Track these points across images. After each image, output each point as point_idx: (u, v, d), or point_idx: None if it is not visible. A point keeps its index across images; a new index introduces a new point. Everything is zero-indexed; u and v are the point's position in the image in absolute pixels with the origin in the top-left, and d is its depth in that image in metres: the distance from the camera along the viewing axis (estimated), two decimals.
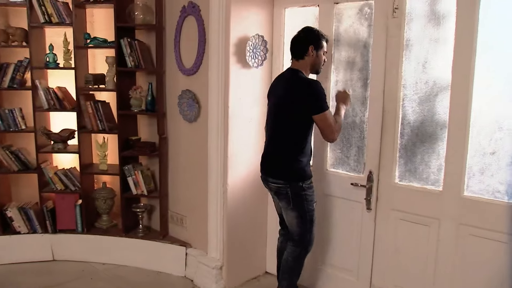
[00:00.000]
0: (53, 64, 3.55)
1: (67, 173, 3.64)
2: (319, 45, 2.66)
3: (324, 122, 2.57)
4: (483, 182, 2.42)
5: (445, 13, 2.48)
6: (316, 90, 2.57)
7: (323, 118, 2.56)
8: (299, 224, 2.72)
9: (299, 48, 2.68)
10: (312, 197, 2.72)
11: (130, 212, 3.66)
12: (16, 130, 3.55)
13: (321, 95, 2.58)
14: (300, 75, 2.66)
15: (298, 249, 2.78)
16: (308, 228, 2.74)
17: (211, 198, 3.21)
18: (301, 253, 2.79)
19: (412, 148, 2.68)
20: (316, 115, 2.56)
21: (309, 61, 2.68)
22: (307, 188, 2.68)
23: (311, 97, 2.57)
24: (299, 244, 2.77)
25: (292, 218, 2.73)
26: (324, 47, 2.70)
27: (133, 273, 3.49)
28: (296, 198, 2.67)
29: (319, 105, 2.55)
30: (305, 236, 2.75)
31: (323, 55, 2.70)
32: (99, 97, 3.75)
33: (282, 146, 2.69)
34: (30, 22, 3.40)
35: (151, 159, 3.72)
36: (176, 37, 3.34)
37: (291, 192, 2.66)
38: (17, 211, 3.57)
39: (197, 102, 3.25)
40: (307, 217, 2.71)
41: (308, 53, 2.66)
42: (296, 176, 2.65)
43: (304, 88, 2.59)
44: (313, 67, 2.71)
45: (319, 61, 2.70)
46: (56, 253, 3.65)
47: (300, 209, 2.69)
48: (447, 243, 2.53)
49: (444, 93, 2.52)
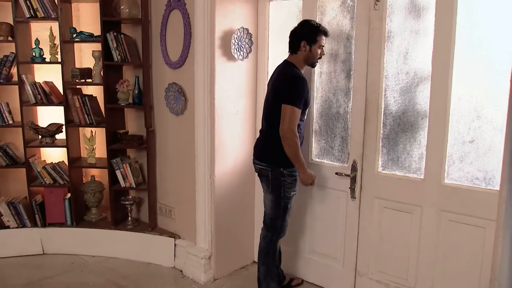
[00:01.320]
0: (39, 59, 3.55)
1: (56, 167, 3.66)
2: (312, 40, 2.66)
3: (285, 113, 2.58)
4: (462, 170, 2.49)
5: (425, 5, 2.53)
6: (296, 85, 2.61)
7: (287, 110, 2.57)
8: (273, 207, 2.80)
9: (293, 42, 2.72)
10: (291, 186, 2.76)
11: (119, 204, 3.69)
12: (3, 125, 3.55)
13: (298, 91, 2.60)
14: (291, 69, 2.70)
15: (269, 233, 2.85)
16: (281, 215, 2.80)
17: (199, 190, 3.25)
18: (272, 238, 2.85)
19: (394, 138, 2.74)
20: (284, 104, 2.59)
21: (301, 56, 2.70)
22: (287, 175, 2.72)
23: (288, 88, 2.62)
24: (270, 228, 2.84)
25: (268, 200, 2.82)
26: (320, 42, 2.69)
27: (123, 265, 3.53)
28: (274, 182, 2.74)
29: (290, 97, 2.58)
30: (276, 221, 2.81)
31: (318, 49, 2.69)
32: (86, 91, 3.76)
33: (270, 132, 2.74)
34: (16, 17, 3.40)
35: (139, 152, 3.75)
36: (162, 31, 3.36)
37: (271, 175, 2.74)
38: (6, 206, 3.58)
39: (183, 95, 3.28)
40: (281, 203, 2.76)
41: (300, 48, 2.68)
42: (278, 161, 2.71)
43: (287, 81, 2.65)
44: (307, 61, 2.73)
45: (312, 55, 2.70)
46: (45, 246, 3.68)
47: (277, 194, 2.75)
48: (429, 229, 2.60)
49: (424, 84, 2.58)
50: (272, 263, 2.88)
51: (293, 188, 2.78)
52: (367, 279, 2.90)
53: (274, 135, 2.69)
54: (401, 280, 2.75)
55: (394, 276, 2.78)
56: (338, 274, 3.06)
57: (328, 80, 3.01)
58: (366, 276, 2.90)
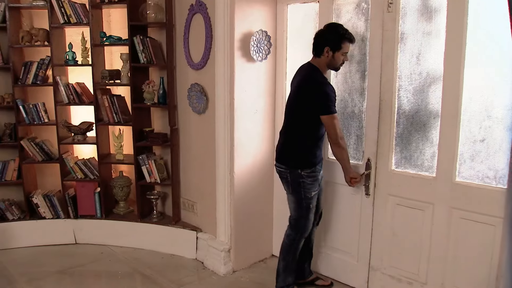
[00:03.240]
0: (72, 62, 3.78)
1: (87, 163, 3.89)
2: (336, 46, 2.64)
3: (328, 124, 2.64)
4: (473, 168, 2.53)
5: (436, 7, 2.58)
6: (328, 92, 2.63)
7: (330, 120, 2.64)
8: (296, 208, 2.86)
9: (317, 46, 2.71)
10: (311, 186, 2.79)
11: (145, 199, 3.88)
12: (40, 123, 3.79)
13: (331, 98, 2.64)
14: (316, 75, 2.71)
15: (293, 232, 2.90)
16: (304, 215, 2.85)
17: (219, 185, 3.39)
18: (296, 237, 2.89)
19: (407, 137, 2.80)
20: (323, 116, 2.64)
21: (324, 61, 2.70)
22: (306, 176, 2.77)
23: (321, 98, 2.63)
24: (294, 228, 2.90)
25: (290, 202, 2.89)
26: (345, 49, 2.66)
27: (148, 256, 3.72)
28: (294, 184, 2.80)
29: (326, 107, 2.63)
30: (300, 221, 2.86)
31: (341, 56, 2.68)
32: (114, 92, 3.98)
33: (289, 134, 2.82)
34: (51, 23, 3.63)
35: (164, 149, 3.93)
36: (185, 34, 3.52)
37: (290, 177, 2.80)
38: (42, 198, 3.83)
39: (205, 95, 3.43)
40: (303, 203, 2.82)
41: (323, 53, 2.68)
42: (296, 163, 2.78)
43: (318, 90, 2.66)
44: (329, 66, 2.74)
45: (335, 62, 2.69)
46: (77, 237, 3.92)
47: (298, 195, 2.81)
48: (441, 226, 2.65)
49: (436, 84, 2.63)
50: (292, 260, 2.93)
51: (313, 188, 2.81)
52: (380, 274, 2.97)
53: (292, 137, 2.78)
54: (413, 275, 2.81)
55: (406, 271, 2.84)
56: (353, 268, 3.14)
57: (343, 81, 3.10)
58: (380, 271, 2.98)
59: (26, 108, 3.73)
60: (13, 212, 3.82)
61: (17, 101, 3.70)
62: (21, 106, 3.71)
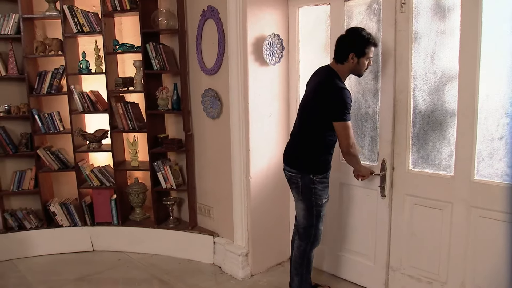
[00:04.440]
0: (86, 70, 3.82)
1: (102, 170, 3.92)
2: (362, 52, 2.58)
3: (341, 130, 2.58)
4: (492, 166, 2.52)
5: (450, 6, 2.58)
6: (345, 100, 2.55)
7: (342, 127, 2.57)
8: (306, 216, 2.77)
9: (340, 52, 2.63)
10: (322, 193, 2.73)
11: (161, 205, 3.90)
12: (55, 132, 3.84)
13: (348, 106, 2.55)
14: (335, 81, 2.61)
15: (304, 243, 2.81)
16: (315, 223, 2.76)
17: (235, 190, 3.41)
18: (306, 248, 2.81)
19: (424, 136, 2.79)
20: (337, 122, 2.58)
21: (348, 67, 2.63)
22: (318, 182, 2.70)
23: (337, 104, 2.55)
24: (304, 237, 2.81)
25: (300, 209, 2.80)
26: (369, 54, 2.60)
27: (166, 261, 3.73)
28: (305, 190, 2.72)
29: (341, 113, 2.55)
30: (310, 230, 2.78)
31: (366, 61, 2.62)
32: (128, 99, 4.02)
33: (303, 137, 2.75)
34: (65, 33, 3.69)
35: (179, 155, 3.95)
36: (197, 40, 3.55)
37: (301, 183, 2.72)
38: (59, 206, 3.87)
39: (219, 100, 3.45)
40: (314, 211, 2.73)
41: (348, 59, 2.60)
42: (308, 168, 2.70)
43: (335, 96, 2.57)
44: (353, 72, 2.67)
45: (360, 67, 2.63)
46: (95, 244, 3.95)
47: (308, 201, 2.73)
48: (460, 225, 2.64)
49: (452, 83, 2.62)
50: (306, 272, 2.87)
51: (324, 195, 2.75)
52: (400, 274, 2.96)
53: (305, 141, 2.72)
54: (433, 275, 2.79)
55: (426, 271, 2.83)
56: (369, 270, 3.13)
57: (356, 82, 3.10)
58: (399, 271, 2.97)
59: (41, 118, 3.78)
60: (30, 221, 3.86)
61: (33, 111, 3.75)
62: (36, 115, 3.76)
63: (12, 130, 3.87)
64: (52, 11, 3.69)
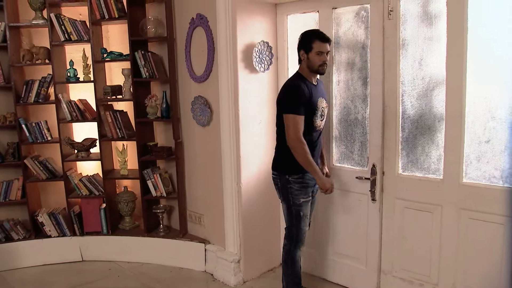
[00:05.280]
0: (73, 79, 3.79)
1: (91, 179, 3.88)
2: (309, 48, 2.71)
3: (287, 123, 2.67)
4: (480, 169, 2.58)
5: (436, 13, 2.64)
6: (290, 93, 2.70)
7: (288, 119, 2.67)
8: (287, 216, 2.86)
9: (298, 54, 2.82)
10: (299, 193, 2.78)
11: (151, 213, 3.88)
12: (43, 141, 3.78)
13: (293, 98, 2.67)
14: (292, 80, 2.79)
15: (288, 242, 2.88)
16: (295, 223, 2.82)
17: (227, 196, 3.41)
18: (290, 248, 2.87)
19: (413, 140, 2.84)
20: (284, 114, 2.70)
21: (304, 65, 2.77)
22: (294, 182, 2.77)
23: (284, 97, 2.74)
24: (287, 237, 2.88)
25: (283, 209, 2.91)
26: (316, 48, 2.69)
27: (157, 270, 3.70)
28: (283, 190, 2.82)
29: (287, 106, 2.68)
30: (292, 230, 2.84)
31: (316, 56, 2.70)
32: (117, 107, 3.98)
33: (277, 140, 2.88)
34: (52, 41, 3.65)
35: (168, 163, 3.93)
36: (186, 47, 3.55)
37: (280, 183, 2.83)
38: (47, 217, 3.81)
39: (209, 107, 3.45)
40: (292, 210, 2.80)
41: (301, 58, 2.78)
42: (284, 169, 2.80)
43: (282, 91, 2.78)
44: (311, 70, 2.75)
45: (312, 63, 2.72)
46: (84, 254, 3.89)
47: (287, 201, 2.82)
48: (450, 228, 2.69)
49: (440, 88, 2.68)
50: (292, 273, 2.91)
51: (301, 195, 2.79)
52: (391, 277, 2.99)
53: (279, 144, 2.82)
54: (424, 277, 2.83)
55: (418, 274, 2.86)
56: (361, 274, 3.16)
57: (345, 88, 3.14)
58: (390, 274, 3.00)
59: (28, 127, 3.73)
60: (18, 232, 3.79)
61: (20, 120, 3.70)
62: (23, 125, 3.71)
63: None
64: (39, 19, 3.66)
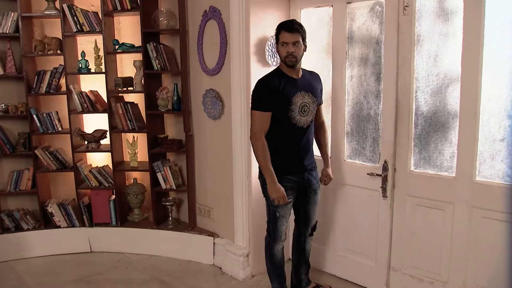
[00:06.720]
0: (85, 70, 3.79)
1: (101, 171, 3.89)
2: (277, 39, 2.69)
3: (251, 119, 2.69)
4: (493, 167, 2.55)
5: (453, 9, 2.61)
6: (255, 88, 2.70)
7: (251, 116, 2.68)
8: (267, 212, 2.87)
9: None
10: None
11: (160, 205, 3.89)
12: (54, 132, 3.80)
13: (256, 94, 2.67)
14: (268, 73, 2.76)
15: (267, 235, 2.90)
16: (271, 220, 2.82)
17: (237, 190, 3.40)
18: (269, 240, 2.88)
19: (426, 137, 2.82)
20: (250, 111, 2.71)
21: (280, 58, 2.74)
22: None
23: (252, 94, 2.74)
24: (267, 231, 2.90)
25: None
26: (282, 38, 2.63)
27: (165, 262, 3.71)
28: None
29: (252, 102, 2.69)
30: (269, 226, 2.86)
31: (281, 46, 2.64)
32: (128, 99, 3.99)
33: None
34: (64, 32, 3.65)
35: (179, 155, 3.94)
36: (199, 40, 3.55)
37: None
38: (57, 207, 3.83)
39: (220, 100, 3.45)
40: (270, 209, 2.82)
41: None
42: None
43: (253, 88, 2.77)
44: (284, 62, 2.70)
45: (280, 54, 2.68)
46: (93, 245, 3.91)
47: (266, 200, 2.83)
48: (461, 226, 2.67)
49: (454, 85, 2.65)
50: (271, 265, 2.92)
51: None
52: (401, 274, 2.98)
53: None
54: (435, 275, 2.82)
55: (428, 271, 2.85)
56: (371, 270, 3.15)
57: (358, 83, 3.12)
58: (400, 271, 2.99)
59: (39, 117, 3.74)
60: (28, 222, 3.82)
61: (31, 110, 3.71)
62: (34, 115, 3.72)
63: (9, 130, 3.82)
64: (51, 10, 3.65)
